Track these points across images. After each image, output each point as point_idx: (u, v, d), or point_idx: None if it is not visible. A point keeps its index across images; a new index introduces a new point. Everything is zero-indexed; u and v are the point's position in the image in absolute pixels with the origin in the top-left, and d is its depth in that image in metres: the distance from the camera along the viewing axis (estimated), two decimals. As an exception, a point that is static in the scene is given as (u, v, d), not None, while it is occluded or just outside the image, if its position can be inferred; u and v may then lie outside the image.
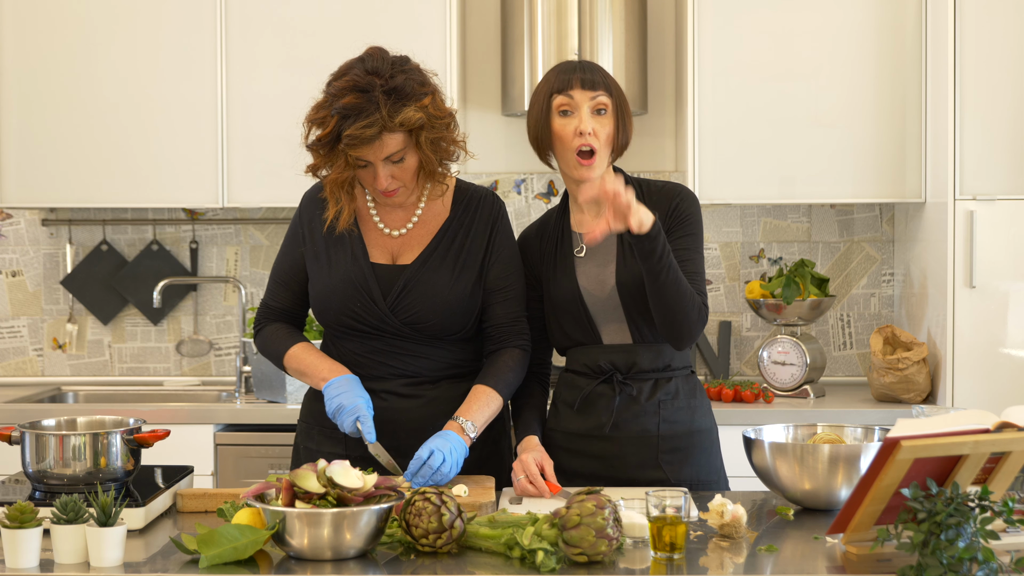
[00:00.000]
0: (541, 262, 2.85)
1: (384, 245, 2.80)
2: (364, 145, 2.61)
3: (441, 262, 2.76)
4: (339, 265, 2.78)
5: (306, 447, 2.86)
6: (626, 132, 2.76)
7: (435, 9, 4.12)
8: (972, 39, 3.83)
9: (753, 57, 4.07)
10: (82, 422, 2.61)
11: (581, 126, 2.69)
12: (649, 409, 2.75)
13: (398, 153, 2.65)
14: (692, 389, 2.81)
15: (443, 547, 2.19)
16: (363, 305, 2.74)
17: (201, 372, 4.58)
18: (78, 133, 4.19)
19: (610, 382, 2.77)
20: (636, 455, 2.75)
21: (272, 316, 2.90)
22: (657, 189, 2.81)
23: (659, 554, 2.14)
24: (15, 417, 3.95)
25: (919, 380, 3.92)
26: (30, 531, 2.11)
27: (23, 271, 4.59)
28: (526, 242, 2.89)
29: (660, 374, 2.77)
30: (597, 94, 2.71)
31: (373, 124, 2.58)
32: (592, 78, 2.72)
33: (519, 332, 2.80)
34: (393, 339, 2.76)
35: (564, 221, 2.85)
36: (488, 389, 2.72)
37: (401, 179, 2.70)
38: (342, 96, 2.60)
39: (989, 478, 2.18)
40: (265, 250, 4.56)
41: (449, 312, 2.74)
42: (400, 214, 2.81)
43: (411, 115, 2.61)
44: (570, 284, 2.78)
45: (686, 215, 2.76)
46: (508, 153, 4.48)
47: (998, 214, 3.82)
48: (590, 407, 2.78)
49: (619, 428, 2.75)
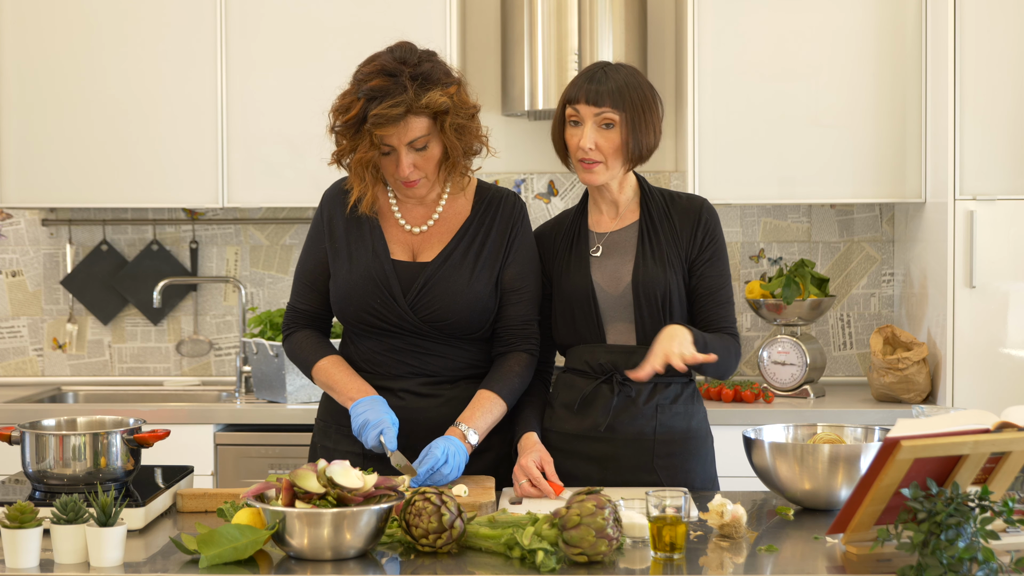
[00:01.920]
0: (553, 258, 2.85)
1: (404, 242, 2.81)
2: (390, 124, 2.63)
3: (461, 260, 2.77)
4: (360, 261, 2.78)
5: (323, 445, 2.87)
6: (641, 141, 2.73)
7: (435, 9, 4.12)
8: (972, 39, 3.83)
9: (753, 57, 4.07)
10: (82, 422, 2.60)
11: (581, 141, 2.72)
12: (646, 412, 2.76)
13: (422, 139, 2.67)
14: (691, 395, 2.82)
15: (443, 547, 2.19)
16: (383, 302, 2.75)
17: (201, 372, 4.58)
18: (78, 133, 4.19)
19: (610, 382, 2.77)
20: (631, 457, 2.75)
21: (300, 320, 2.89)
22: (682, 200, 2.83)
23: (659, 554, 2.14)
24: (15, 417, 3.95)
25: (919, 380, 3.92)
26: (30, 531, 2.11)
27: (23, 271, 4.59)
28: (540, 238, 2.89)
29: (660, 378, 2.77)
30: (602, 110, 2.71)
31: (400, 104, 2.62)
32: (598, 92, 2.71)
33: (528, 336, 2.80)
34: (412, 337, 2.77)
35: (582, 220, 2.86)
36: (492, 395, 2.73)
37: (423, 169, 2.71)
38: (370, 79, 2.65)
39: (989, 478, 2.18)
40: (265, 250, 4.56)
41: (468, 311, 2.75)
42: (421, 211, 2.82)
43: (437, 98, 2.64)
44: (583, 280, 2.78)
45: (714, 235, 2.81)
46: (508, 153, 4.48)
47: (998, 214, 3.82)
48: (587, 407, 2.78)
49: (615, 429, 2.76)
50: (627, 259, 2.79)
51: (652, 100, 2.76)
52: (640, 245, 2.78)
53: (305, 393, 3.97)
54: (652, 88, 2.78)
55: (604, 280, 2.78)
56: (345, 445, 2.81)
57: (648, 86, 2.77)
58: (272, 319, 4.10)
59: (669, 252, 2.77)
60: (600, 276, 2.79)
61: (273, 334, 4.06)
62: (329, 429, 2.87)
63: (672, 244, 2.78)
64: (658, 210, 2.81)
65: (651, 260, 2.76)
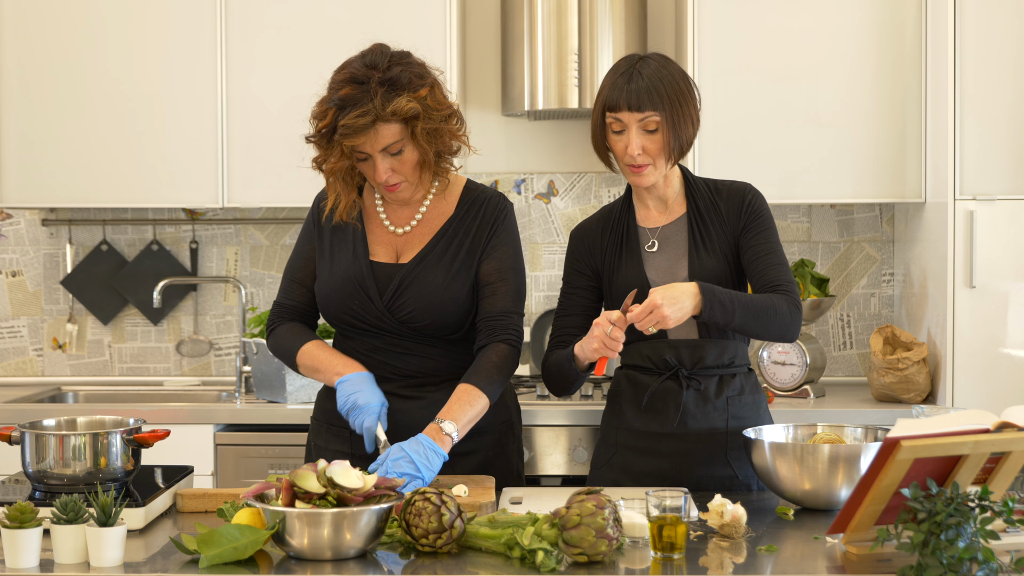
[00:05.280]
0: (603, 256, 2.84)
1: (389, 242, 2.81)
2: (358, 135, 2.63)
3: (438, 261, 2.76)
4: (340, 262, 2.79)
5: (316, 444, 2.88)
6: (682, 135, 2.73)
7: (435, 9, 4.12)
8: (972, 39, 3.83)
9: (753, 57, 4.07)
10: (82, 422, 2.61)
11: (629, 148, 2.71)
12: (719, 406, 2.75)
13: (395, 144, 2.66)
14: (754, 385, 2.82)
15: (443, 547, 2.19)
16: (360, 303, 2.75)
17: (201, 372, 4.58)
18: (78, 133, 4.19)
19: (676, 378, 2.76)
20: (705, 452, 2.74)
21: (286, 315, 2.89)
22: (726, 188, 2.82)
23: (659, 554, 2.14)
24: (15, 417, 3.94)
25: (919, 380, 3.92)
26: (30, 531, 2.11)
27: (23, 271, 4.59)
28: (586, 235, 2.88)
29: (724, 370, 2.76)
30: (645, 115, 2.70)
31: (367, 113, 2.61)
32: (639, 97, 2.69)
33: (507, 327, 2.76)
34: (392, 338, 2.77)
35: (629, 216, 2.85)
36: (471, 388, 2.68)
37: (401, 172, 2.71)
38: (340, 88, 2.65)
39: (989, 478, 2.18)
40: (265, 250, 4.56)
41: (444, 311, 2.74)
42: (405, 211, 2.82)
43: (404, 104, 2.62)
44: (638, 278, 2.77)
45: (759, 212, 2.79)
46: (508, 153, 4.48)
47: (998, 214, 3.82)
48: (657, 404, 2.76)
49: (687, 425, 2.74)
50: (680, 253, 2.78)
51: (687, 90, 2.74)
52: (691, 238, 2.77)
53: (305, 393, 3.97)
54: (685, 76, 2.76)
55: (659, 276, 2.77)
56: (336, 444, 2.82)
57: (681, 75, 2.75)
58: (272, 319, 4.10)
59: (720, 241, 2.77)
60: (655, 274, 2.77)
61: (273, 334, 4.06)
62: (321, 428, 2.87)
63: (722, 232, 2.77)
64: (704, 200, 2.80)
65: (704, 252, 2.76)
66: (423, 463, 2.52)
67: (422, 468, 2.52)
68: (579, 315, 2.85)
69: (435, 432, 2.59)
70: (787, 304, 2.67)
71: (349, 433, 2.78)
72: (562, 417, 3.81)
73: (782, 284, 2.71)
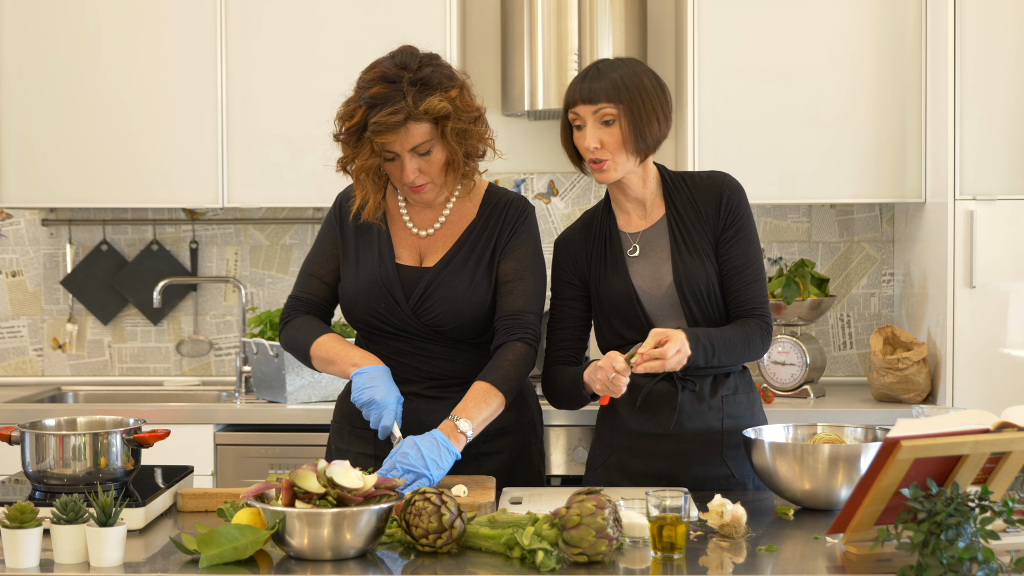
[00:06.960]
0: (588, 265, 2.83)
1: (412, 245, 2.81)
2: (390, 132, 2.63)
3: (463, 265, 2.76)
4: (366, 265, 2.79)
5: (337, 447, 2.88)
6: (645, 131, 2.69)
7: (435, 9, 4.12)
8: (972, 39, 3.83)
9: (753, 57, 4.07)
10: (82, 422, 2.61)
11: (585, 142, 2.71)
12: (714, 405, 2.75)
13: (424, 144, 2.67)
14: (748, 383, 2.83)
15: (443, 547, 2.19)
16: (387, 306, 2.75)
17: (201, 372, 4.58)
18: (78, 133, 4.19)
19: (670, 379, 2.76)
20: (700, 452, 2.74)
21: (301, 308, 2.86)
22: (703, 181, 2.80)
23: (659, 554, 2.14)
24: (15, 417, 3.94)
25: (919, 380, 3.92)
26: (30, 531, 2.11)
27: (23, 271, 4.59)
28: (570, 243, 2.86)
29: (717, 369, 2.76)
30: (599, 107, 2.69)
31: (399, 111, 2.62)
32: (592, 89, 2.69)
33: (524, 325, 2.74)
34: (417, 341, 2.76)
35: (610, 221, 2.83)
36: (487, 386, 2.67)
37: (428, 173, 2.71)
38: (370, 87, 2.65)
39: (989, 478, 2.18)
40: (265, 250, 4.56)
41: (469, 316, 2.74)
42: (429, 214, 2.82)
43: (436, 103, 2.63)
44: (624, 284, 2.76)
45: (737, 212, 2.76)
46: (508, 153, 4.47)
47: (998, 214, 3.82)
48: (652, 405, 2.76)
49: (683, 425, 2.74)
50: (663, 257, 2.77)
51: (652, 88, 2.71)
52: (672, 241, 2.76)
53: (305, 393, 3.97)
54: (654, 76, 2.74)
55: (644, 282, 2.76)
56: (358, 447, 2.82)
57: (648, 74, 2.73)
58: (272, 319, 4.10)
59: (701, 242, 2.75)
60: (640, 279, 2.77)
61: (273, 334, 4.06)
62: (343, 431, 2.86)
63: (702, 232, 2.76)
64: (683, 199, 2.79)
65: (687, 254, 2.74)
66: (433, 459, 2.52)
67: (431, 464, 2.51)
68: (572, 327, 2.85)
69: (450, 430, 2.58)
70: (760, 333, 2.74)
71: (373, 435, 2.77)
72: (562, 417, 3.81)
73: (756, 307, 2.75)
